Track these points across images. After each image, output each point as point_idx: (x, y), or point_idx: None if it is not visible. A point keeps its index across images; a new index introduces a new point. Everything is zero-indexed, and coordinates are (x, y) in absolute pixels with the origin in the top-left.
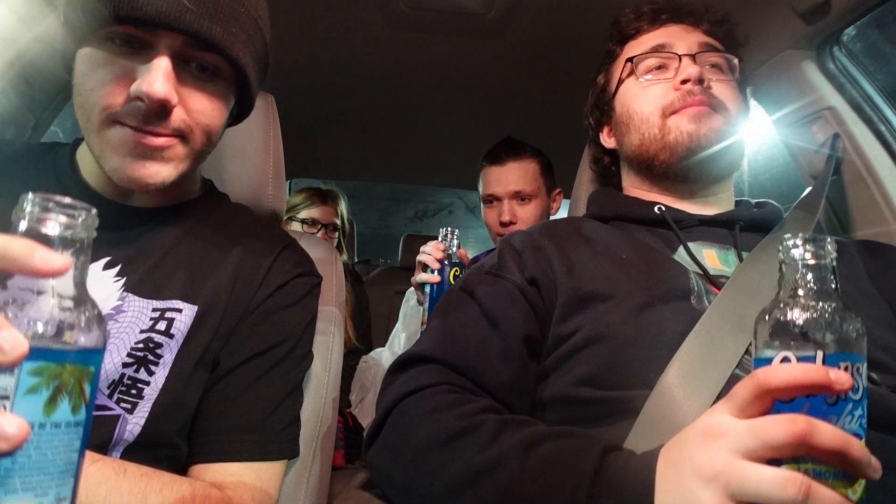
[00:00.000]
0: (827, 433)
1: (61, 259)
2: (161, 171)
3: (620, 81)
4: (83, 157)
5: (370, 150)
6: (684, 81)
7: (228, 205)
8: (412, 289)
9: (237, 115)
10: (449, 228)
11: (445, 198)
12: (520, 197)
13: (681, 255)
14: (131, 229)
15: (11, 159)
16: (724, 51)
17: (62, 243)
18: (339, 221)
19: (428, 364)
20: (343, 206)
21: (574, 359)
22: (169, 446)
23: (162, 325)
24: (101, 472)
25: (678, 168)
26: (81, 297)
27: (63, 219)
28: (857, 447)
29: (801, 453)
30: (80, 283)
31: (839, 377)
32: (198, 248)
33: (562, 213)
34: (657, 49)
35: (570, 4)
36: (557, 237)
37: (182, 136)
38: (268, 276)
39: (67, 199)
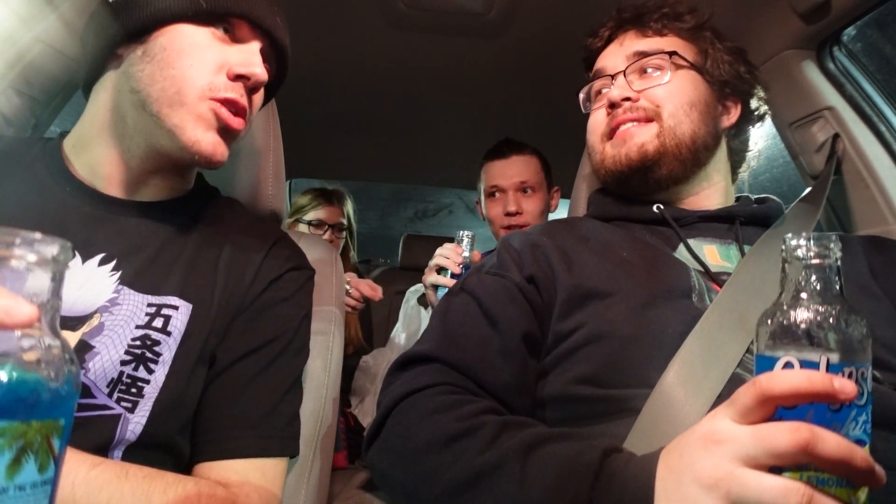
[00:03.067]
0: (830, 443)
1: (28, 310)
2: (226, 153)
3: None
4: (74, 150)
5: (370, 150)
6: (610, 106)
7: (220, 199)
8: (412, 289)
9: None
10: (465, 232)
11: (445, 198)
12: (524, 188)
13: (681, 252)
14: (126, 223)
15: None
16: (654, 53)
17: (31, 285)
18: (345, 221)
19: (429, 364)
20: (349, 206)
21: (574, 357)
22: (171, 445)
23: (159, 323)
24: (102, 475)
25: (628, 184)
26: (51, 343)
27: (32, 257)
28: (861, 457)
29: (804, 462)
30: (51, 326)
31: (844, 386)
32: (192, 244)
33: (561, 213)
34: (595, 76)
35: (570, 5)
36: (557, 236)
37: (246, 119)
38: (260, 272)
39: (38, 234)
